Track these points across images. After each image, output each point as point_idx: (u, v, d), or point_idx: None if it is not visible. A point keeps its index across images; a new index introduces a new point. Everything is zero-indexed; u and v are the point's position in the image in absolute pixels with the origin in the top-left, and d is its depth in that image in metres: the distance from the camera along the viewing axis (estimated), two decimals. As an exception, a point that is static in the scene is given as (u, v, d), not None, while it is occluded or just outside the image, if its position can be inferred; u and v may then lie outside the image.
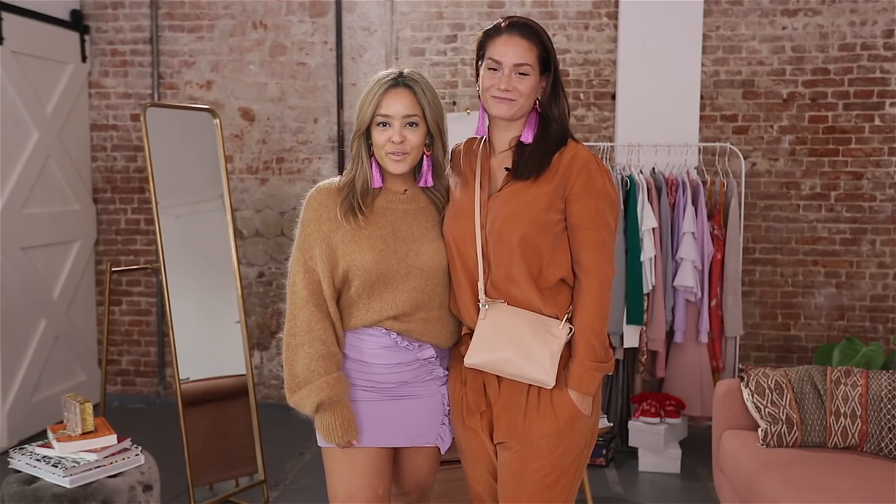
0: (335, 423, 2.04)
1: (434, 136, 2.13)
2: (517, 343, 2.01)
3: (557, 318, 2.06)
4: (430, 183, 2.16)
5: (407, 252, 2.09)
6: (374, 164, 2.13)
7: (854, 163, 4.79)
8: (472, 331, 2.10)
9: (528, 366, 2.01)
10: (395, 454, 2.23)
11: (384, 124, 2.08)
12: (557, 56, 2.14)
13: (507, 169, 2.11)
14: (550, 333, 2.03)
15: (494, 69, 2.06)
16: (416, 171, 2.17)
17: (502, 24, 2.08)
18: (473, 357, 2.05)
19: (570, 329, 2.05)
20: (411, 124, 2.08)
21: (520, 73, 2.04)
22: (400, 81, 2.09)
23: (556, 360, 2.02)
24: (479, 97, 2.14)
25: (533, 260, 2.03)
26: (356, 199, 2.09)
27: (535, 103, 2.10)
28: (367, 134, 2.11)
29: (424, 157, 2.14)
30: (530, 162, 2.06)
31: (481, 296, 2.06)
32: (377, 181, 2.13)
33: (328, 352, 2.06)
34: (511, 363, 2.02)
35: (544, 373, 2.01)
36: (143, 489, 2.73)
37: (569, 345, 2.05)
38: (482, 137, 2.19)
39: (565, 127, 2.12)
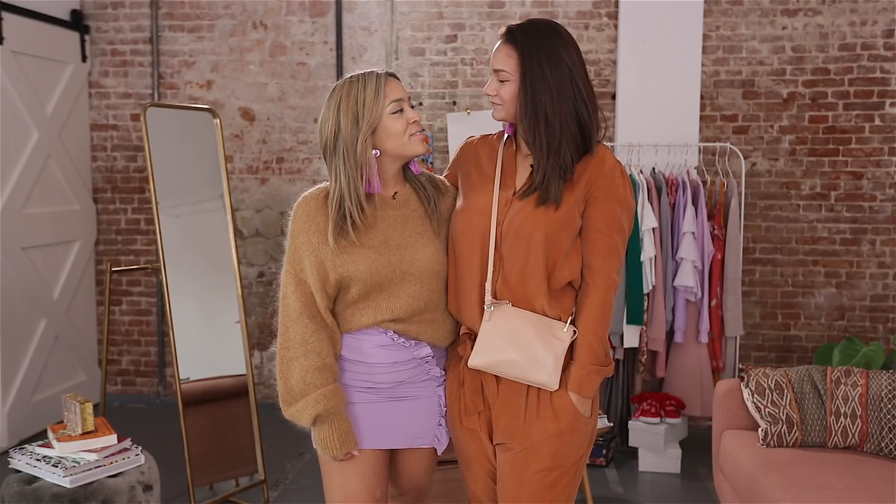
0: (333, 436, 2.03)
1: None
2: (521, 345, 2.00)
3: (561, 321, 2.05)
4: (419, 169, 2.16)
5: (400, 260, 2.07)
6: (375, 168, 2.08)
7: (854, 163, 4.79)
8: (471, 331, 2.10)
9: (531, 368, 2.00)
10: (392, 455, 2.22)
11: (399, 111, 2.05)
12: None
13: (532, 166, 2.08)
14: (554, 336, 2.02)
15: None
16: (404, 168, 2.16)
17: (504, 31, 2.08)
18: (477, 358, 2.04)
19: (575, 332, 2.04)
20: (413, 107, 2.10)
21: (500, 80, 2.05)
22: (386, 72, 2.09)
23: (559, 363, 2.01)
24: None
25: (552, 259, 2.02)
26: (351, 219, 2.02)
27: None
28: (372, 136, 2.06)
29: None
30: (549, 187, 2.01)
31: (488, 297, 2.05)
32: (377, 185, 2.07)
33: (324, 364, 2.03)
34: (515, 365, 2.01)
35: (547, 376, 2.00)
36: (143, 489, 2.73)
37: (570, 346, 2.05)
38: (504, 133, 2.18)
39: (573, 144, 2.03)
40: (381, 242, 2.06)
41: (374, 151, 2.05)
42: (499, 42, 2.07)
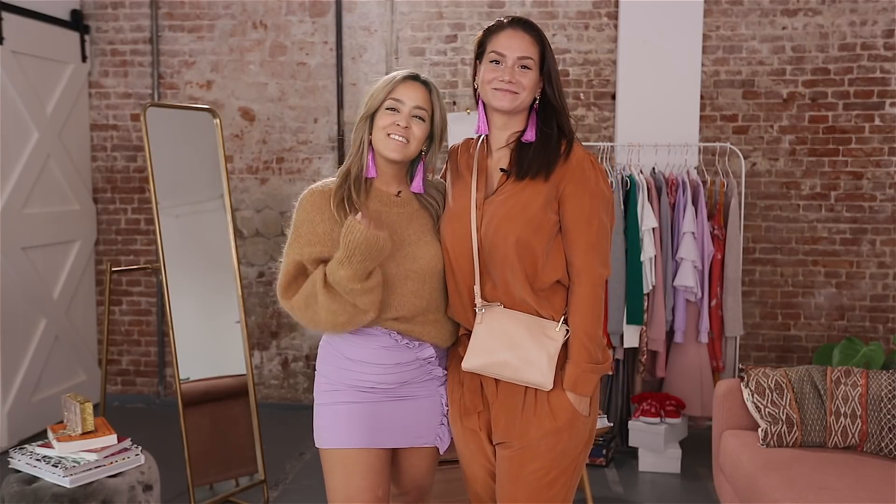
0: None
1: (434, 141, 2.15)
2: (514, 346, 2.01)
3: (554, 320, 2.05)
4: (422, 189, 2.16)
5: (404, 256, 2.08)
6: (371, 154, 2.12)
7: (854, 163, 4.79)
8: (469, 331, 2.10)
9: (525, 368, 2.01)
10: (394, 455, 2.22)
11: (393, 109, 2.08)
12: (557, 56, 2.15)
13: (502, 170, 2.10)
14: (547, 336, 2.03)
15: (497, 62, 2.06)
16: (408, 174, 2.18)
17: (505, 21, 2.10)
18: (471, 361, 2.05)
19: (567, 330, 2.04)
20: (419, 118, 2.09)
21: (523, 67, 2.05)
22: (418, 77, 2.12)
23: (553, 363, 2.02)
24: (476, 96, 2.15)
25: (528, 262, 2.03)
26: (348, 188, 2.08)
27: (533, 102, 2.10)
28: (372, 122, 2.11)
29: (420, 161, 2.15)
30: (536, 161, 2.04)
31: (477, 299, 2.06)
32: (371, 171, 2.12)
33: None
34: (508, 366, 2.02)
35: (541, 375, 2.01)
36: (143, 489, 2.73)
37: (566, 345, 2.05)
38: (479, 138, 2.19)
39: (567, 127, 2.11)
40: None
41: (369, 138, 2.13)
42: (507, 31, 2.07)
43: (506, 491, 2.07)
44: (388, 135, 2.07)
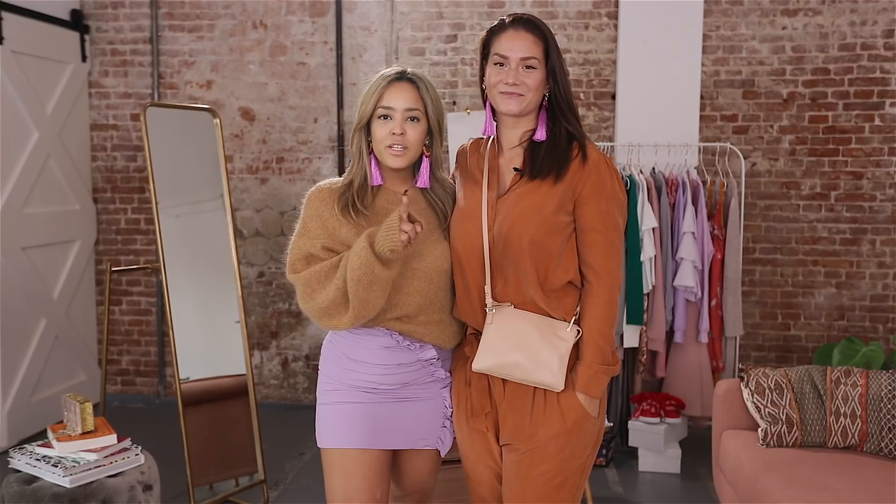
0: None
1: (434, 135, 2.12)
2: (525, 347, 2.00)
3: (565, 321, 2.04)
4: (428, 184, 2.14)
5: (410, 255, 2.07)
6: (373, 161, 2.12)
7: (854, 163, 4.79)
8: (478, 331, 2.10)
9: (536, 369, 2.00)
10: (396, 456, 2.22)
11: (385, 117, 2.07)
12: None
13: (515, 169, 2.09)
14: (558, 336, 2.02)
15: (501, 64, 2.05)
16: (415, 171, 2.16)
17: (507, 20, 2.08)
18: (481, 362, 2.04)
19: (578, 331, 2.03)
20: (413, 119, 2.07)
21: (527, 67, 2.03)
22: (403, 76, 2.09)
23: (564, 364, 2.01)
24: (483, 96, 2.14)
25: (541, 262, 2.02)
26: (352, 195, 2.08)
27: (543, 99, 2.09)
28: (368, 130, 2.11)
29: (424, 157, 2.13)
30: (547, 161, 2.04)
31: (488, 299, 2.05)
32: (377, 178, 2.11)
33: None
34: (519, 367, 2.01)
35: (552, 376, 2.00)
36: (143, 489, 2.73)
37: (576, 346, 2.04)
38: (490, 137, 2.18)
39: (575, 125, 2.10)
40: None
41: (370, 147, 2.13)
42: (509, 31, 2.05)
43: (514, 493, 2.06)
44: (386, 147, 2.07)
